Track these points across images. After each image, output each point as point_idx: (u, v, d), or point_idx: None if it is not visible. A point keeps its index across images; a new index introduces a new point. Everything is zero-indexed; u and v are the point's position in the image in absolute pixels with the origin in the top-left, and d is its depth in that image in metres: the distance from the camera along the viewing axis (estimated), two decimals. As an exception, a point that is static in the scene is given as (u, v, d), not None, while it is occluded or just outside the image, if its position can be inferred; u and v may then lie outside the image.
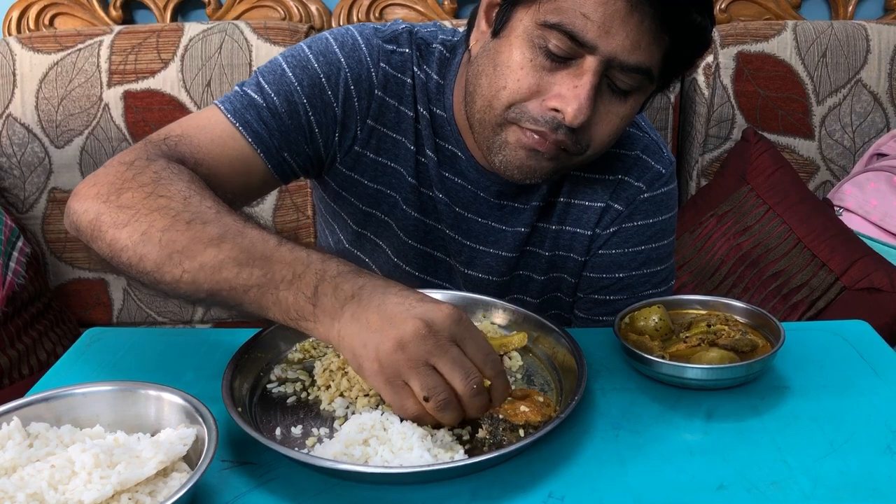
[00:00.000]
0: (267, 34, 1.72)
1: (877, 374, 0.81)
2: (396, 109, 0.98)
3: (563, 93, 0.82)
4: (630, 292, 1.03)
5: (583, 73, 0.81)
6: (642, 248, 1.02)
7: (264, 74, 0.94)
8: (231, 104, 0.93)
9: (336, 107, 0.95)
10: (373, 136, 0.98)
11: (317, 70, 0.94)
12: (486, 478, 0.67)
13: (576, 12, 0.79)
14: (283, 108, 0.92)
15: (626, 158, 1.00)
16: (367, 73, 0.95)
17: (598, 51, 0.80)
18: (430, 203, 1.01)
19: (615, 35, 0.79)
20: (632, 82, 0.83)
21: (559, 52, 0.81)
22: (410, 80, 0.97)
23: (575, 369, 0.77)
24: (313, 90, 0.93)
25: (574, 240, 1.02)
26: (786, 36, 1.75)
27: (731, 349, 0.79)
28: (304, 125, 0.94)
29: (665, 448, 0.71)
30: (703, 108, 1.77)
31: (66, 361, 0.87)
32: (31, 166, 1.76)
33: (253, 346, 0.82)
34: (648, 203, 1.01)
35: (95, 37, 1.73)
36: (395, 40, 0.98)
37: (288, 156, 0.94)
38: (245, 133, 0.91)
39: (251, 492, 0.66)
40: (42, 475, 0.60)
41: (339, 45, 0.95)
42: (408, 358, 0.66)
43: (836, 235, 1.56)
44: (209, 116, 0.93)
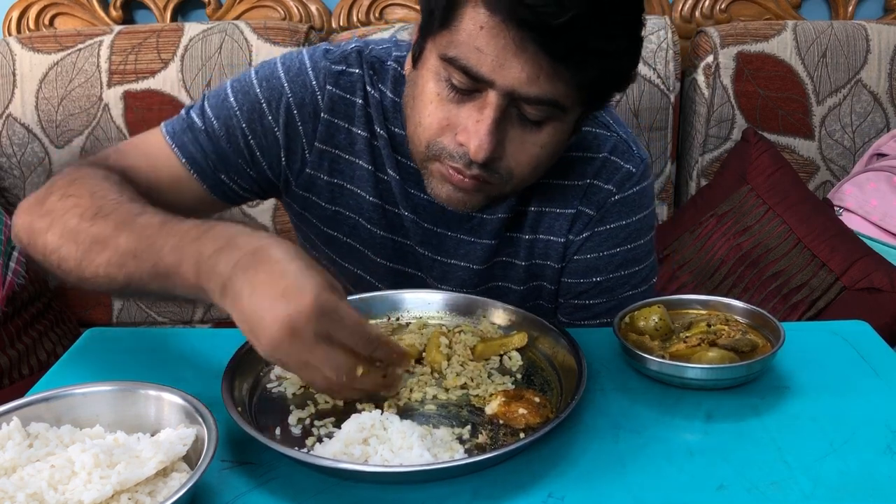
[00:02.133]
0: (267, 34, 1.72)
1: (877, 374, 0.81)
2: (347, 131, 0.97)
3: (468, 127, 0.81)
4: (609, 295, 1.02)
5: (485, 106, 0.79)
6: (618, 250, 1.00)
7: (209, 98, 0.97)
8: (172, 126, 0.96)
9: (277, 131, 0.96)
10: (324, 158, 0.98)
11: (258, 95, 0.95)
12: (486, 478, 0.67)
13: (470, 46, 0.77)
14: (222, 132, 0.95)
15: (593, 161, 0.98)
16: (311, 97, 0.95)
17: (496, 85, 0.78)
18: (396, 221, 1.01)
19: (510, 68, 0.76)
20: (541, 113, 0.81)
21: (461, 87, 0.80)
22: (362, 100, 0.97)
23: (575, 369, 0.77)
24: (252, 115, 0.95)
25: (549, 248, 1.01)
26: (786, 36, 1.75)
27: (731, 349, 0.79)
28: (243, 149, 0.96)
29: (665, 448, 0.71)
30: (703, 108, 1.77)
31: (66, 361, 0.87)
32: (31, 166, 1.76)
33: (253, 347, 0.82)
34: (620, 205, 0.99)
35: (95, 37, 1.73)
36: (344, 60, 0.97)
37: (226, 178, 0.96)
38: (179, 154, 0.94)
39: (251, 492, 0.66)
40: (42, 475, 0.60)
41: (285, 70, 0.96)
42: (284, 361, 0.68)
43: (836, 235, 1.57)
44: (149, 136, 0.97)
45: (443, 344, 0.84)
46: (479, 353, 0.84)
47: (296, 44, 1.71)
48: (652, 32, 1.72)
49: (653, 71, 1.71)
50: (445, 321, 0.91)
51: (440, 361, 0.82)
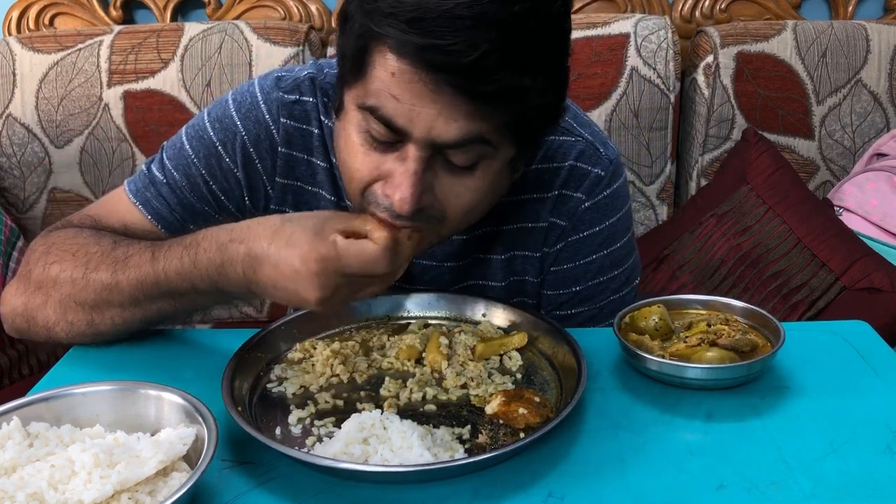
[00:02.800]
0: (267, 34, 1.72)
1: (877, 375, 0.81)
2: (307, 162, 0.96)
3: (392, 179, 0.77)
4: (591, 303, 1.01)
5: (405, 158, 0.76)
6: (594, 257, 0.99)
7: (167, 150, 0.97)
8: (134, 184, 0.96)
9: (237, 171, 0.95)
10: (287, 192, 0.97)
11: (212, 138, 0.94)
12: (486, 477, 0.67)
13: (386, 94, 0.73)
14: (184, 183, 0.94)
15: (560, 171, 0.95)
16: (266, 132, 0.94)
17: (413, 137, 0.74)
18: None
19: (426, 116, 0.72)
20: (469, 155, 0.77)
21: (381, 138, 0.76)
22: (318, 129, 0.95)
23: (575, 369, 0.77)
24: (210, 160, 0.94)
25: (526, 263, 1.00)
26: (786, 36, 1.75)
27: (731, 349, 0.79)
28: (206, 195, 0.95)
29: (665, 448, 0.71)
30: (703, 108, 1.77)
31: (66, 361, 0.87)
32: (31, 166, 1.76)
33: (253, 346, 0.82)
34: (591, 211, 0.97)
35: (95, 37, 1.73)
36: (297, 89, 0.94)
37: (195, 227, 0.93)
38: (144, 211, 0.94)
39: (251, 491, 0.66)
40: (42, 475, 0.61)
41: (236, 108, 0.94)
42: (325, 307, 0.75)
43: (836, 235, 1.56)
44: (114, 196, 0.98)
45: (443, 344, 0.84)
46: (479, 353, 0.84)
47: (296, 44, 1.71)
48: (652, 32, 1.72)
49: (653, 71, 1.71)
50: (445, 321, 0.91)
51: (440, 361, 0.82)
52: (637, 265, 1.05)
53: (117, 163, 1.75)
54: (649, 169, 1.80)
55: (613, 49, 1.71)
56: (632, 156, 1.76)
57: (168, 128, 1.70)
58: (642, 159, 1.78)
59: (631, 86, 1.72)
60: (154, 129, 1.72)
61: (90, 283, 0.83)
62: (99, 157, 1.75)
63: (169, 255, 0.81)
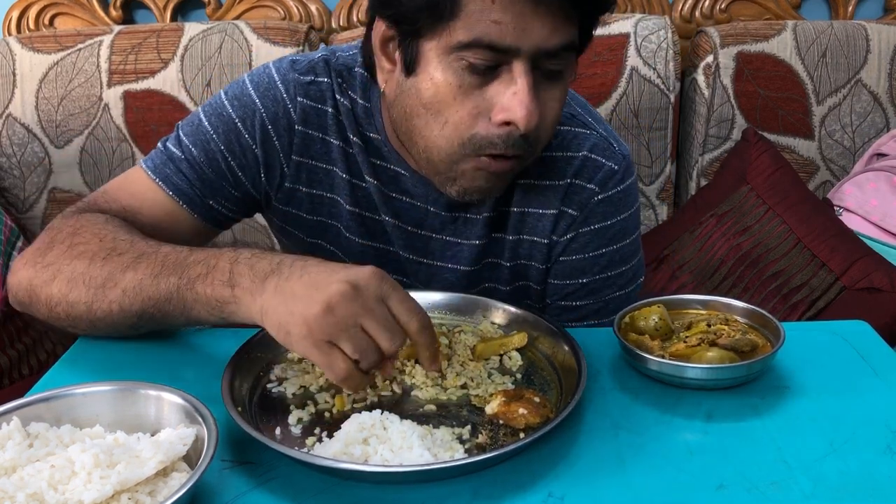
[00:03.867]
0: (267, 34, 1.72)
1: (877, 375, 0.81)
2: (322, 140, 0.97)
3: (505, 104, 0.80)
4: (596, 296, 1.01)
5: (515, 77, 0.79)
6: (603, 251, 0.99)
7: (183, 127, 0.97)
8: (152, 161, 0.97)
9: (255, 148, 0.96)
10: (301, 170, 0.98)
11: (231, 115, 0.95)
12: (485, 477, 0.67)
13: (486, 23, 0.77)
14: (202, 158, 0.95)
15: (573, 161, 0.97)
16: (283, 110, 0.95)
17: (523, 50, 0.78)
18: (377, 227, 1.01)
19: (532, 29, 0.77)
20: (562, 62, 0.82)
21: (484, 65, 0.79)
22: (332, 108, 0.97)
23: (575, 369, 0.77)
24: (229, 136, 0.95)
25: (533, 248, 1.01)
26: (786, 36, 1.75)
27: (730, 349, 0.79)
28: (225, 171, 0.96)
29: (665, 448, 0.71)
30: (703, 108, 1.77)
31: (66, 361, 0.87)
32: (31, 166, 1.76)
33: (253, 346, 0.82)
34: (604, 205, 0.98)
35: (95, 37, 1.73)
36: (312, 70, 0.97)
37: (214, 203, 0.97)
38: (165, 187, 0.95)
39: (251, 491, 0.66)
40: (42, 475, 0.60)
41: (254, 87, 0.96)
42: (337, 321, 0.69)
43: (836, 235, 1.56)
44: (131, 175, 0.98)
45: (443, 344, 0.84)
46: (479, 353, 0.84)
47: (296, 44, 1.71)
48: (652, 32, 1.72)
49: (653, 71, 1.71)
50: (445, 321, 0.91)
51: (440, 361, 0.82)
52: (642, 264, 1.06)
53: (117, 163, 1.75)
54: (649, 169, 1.80)
55: (613, 49, 1.71)
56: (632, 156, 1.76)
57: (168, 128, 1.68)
58: (642, 159, 1.78)
59: (631, 86, 1.72)
60: (154, 129, 1.72)
61: (108, 264, 0.82)
62: (99, 157, 1.75)
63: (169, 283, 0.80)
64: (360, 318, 0.70)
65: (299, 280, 0.72)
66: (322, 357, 0.70)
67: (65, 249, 0.86)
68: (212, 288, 0.77)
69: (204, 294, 0.78)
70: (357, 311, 0.69)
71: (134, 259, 0.82)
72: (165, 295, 0.80)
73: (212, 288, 0.77)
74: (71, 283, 0.83)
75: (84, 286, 0.83)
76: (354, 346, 0.69)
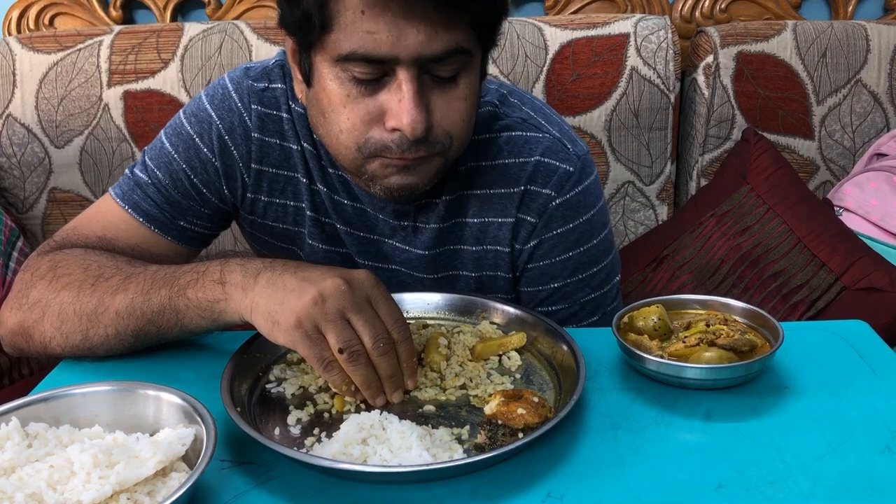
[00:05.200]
0: (267, 34, 1.72)
1: (876, 375, 0.81)
2: (280, 146, 0.97)
3: (391, 110, 0.80)
4: (570, 300, 1.01)
5: (399, 84, 0.79)
6: (570, 254, 0.99)
7: (148, 151, 0.98)
8: (120, 188, 0.98)
9: (215, 160, 0.96)
10: (262, 178, 0.98)
11: (189, 132, 0.96)
12: (485, 477, 0.67)
13: (361, 34, 0.77)
14: (167, 181, 0.96)
15: (526, 166, 0.96)
16: (239, 119, 0.96)
17: (401, 59, 0.77)
18: (333, 233, 1.01)
19: (407, 37, 0.76)
20: (452, 66, 0.81)
21: (367, 77, 0.79)
22: (287, 114, 0.97)
23: (574, 369, 0.77)
24: (189, 153, 0.96)
25: (497, 258, 1.00)
26: (786, 36, 1.75)
27: (730, 349, 0.79)
28: (189, 190, 0.96)
29: (664, 448, 0.71)
30: (703, 108, 1.77)
31: (66, 362, 0.87)
32: (31, 166, 1.76)
33: (252, 346, 0.82)
34: (563, 208, 0.97)
35: (95, 37, 1.73)
36: (266, 77, 0.97)
37: (185, 224, 0.97)
38: (135, 214, 0.96)
39: (250, 491, 0.66)
40: (41, 475, 0.61)
41: (210, 100, 0.96)
42: (326, 311, 0.71)
43: (836, 235, 1.56)
44: (101, 205, 0.98)
45: (442, 344, 0.84)
46: (478, 353, 0.84)
47: (296, 44, 1.71)
48: (652, 32, 1.72)
49: (653, 71, 1.71)
50: (445, 321, 0.91)
51: (439, 362, 0.82)
52: (616, 262, 1.05)
53: (117, 163, 1.75)
54: (649, 169, 1.80)
55: (613, 49, 1.71)
56: (632, 156, 1.76)
57: (168, 128, 1.70)
58: (642, 159, 1.78)
59: (631, 86, 1.72)
60: (154, 129, 1.72)
61: (96, 291, 0.83)
62: (99, 157, 1.75)
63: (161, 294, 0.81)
64: (347, 312, 0.72)
65: (293, 275, 0.73)
66: (309, 346, 0.71)
67: (47, 284, 0.86)
68: (203, 291, 0.78)
69: (195, 298, 0.79)
70: (346, 305, 0.71)
71: (122, 281, 0.83)
72: (158, 308, 0.81)
73: (203, 291, 0.78)
74: (62, 317, 0.83)
75: (76, 317, 0.83)
76: (338, 335, 0.71)
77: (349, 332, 0.72)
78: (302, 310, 0.71)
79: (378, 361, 0.73)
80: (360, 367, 0.72)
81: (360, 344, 0.72)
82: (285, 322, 0.71)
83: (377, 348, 0.72)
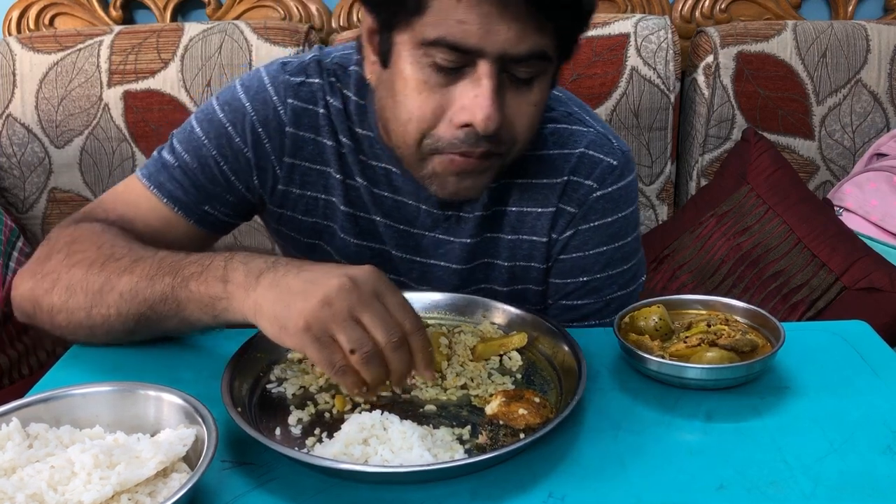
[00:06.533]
0: (267, 34, 1.72)
1: (876, 375, 0.81)
2: (314, 141, 0.97)
3: (466, 105, 0.80)
4: (597, 295, 1.01)
5: (479, 78, 0.79)
6: (604, 248, 0.99)
7: (177, 135, 0.98)
8: (147, 169, 0.97)
9: (247, 151, 0.96)
10: (294, 172, 0.98)
11: (222, 120, 0.95)
12: (485, 478, 0.67)
13: (451, 22, 0.77)
14: (195, 165, 0.95)
15: (570, 158, 0.97)
16: (273, 113, 0.95)
17: (486, 52, 0.78)
18: (369, 227, 1.01)
19: (497, 32, 0.77)
20: (532, 69, 0.81)
21: (449, 65, 0.79)
22: (324, 109, 0.97)
23: (575, 369, 0.77)
24: (220, 141, 0.95)
25: (532, 248, 1.00)
26: (786, 36, 1.75)
27: (731, 349, 0.79)
28: (218, 176, 0.96)
29: (665, 448, 0.71)
30: (703, 108, 1.77)
31: (66, 362, 0.87)
32: (31, 166, 1.76)
33: (253, 346, 0.82)
34: (603, 201, 0.97)
35: (95, 37, 1.73)
36: (303, 72, 0.97)
37: (209, 209, 0.97)
38: (160, 194, 0.95)
39: (251, 492, 0.66)
40: (41, 476, 0.60)
41: (244, 91, 0.96)
42: (334, 313, 0.69)
43: (836, 235, 1.56)
44: (128, 185, 0.98)
45: (443, 344, 0.84)
46: (479, 353, 0.84)
47: (296, 44, 1.71)
48: (652, 32, 1.72)
49: (653, 71, 1.71)
50: (445, 321, 0.91)
51: (440, 362, 0.82)
52: (643, 263, 1.05)
53: (117, 163, 1.75)
54: (649, 169, 1.80)
55: (613, 49, 1.71)
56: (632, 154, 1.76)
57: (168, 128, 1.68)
58: (642, 159, 1.78)
59: (631, 86, 1.72)
60: (154, 129, 1.72)
61: (105, 270, 0.83)
62: (99, 157, 1.75)
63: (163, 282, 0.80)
64: (356, 311, 0.70)
65: (296, 277, 0.72)
66: (319, 350, 0.70)
67: (63, 258, 0.86)
68: (205, 285, 0.77)
69: (197, 291, 0.78)
70: (354, 304, 0.70)
71: (131, 263, 0.82)
72: (160, 296, 0.80)
73: (205, 285, 0.77)
74: (70, 291, 0.84)
75: (83, 293, 0.83)
76: (349, 336, 0.69)
77: (360, 332, 0.70)
78: (310, 313, 0.69)
79: (392, 357, 0.71)
80: (373, 368, 0.70)
81: (371, 343, 0.70)
82: (293, 326, 0.70)
83: (391, 343, 0.70)
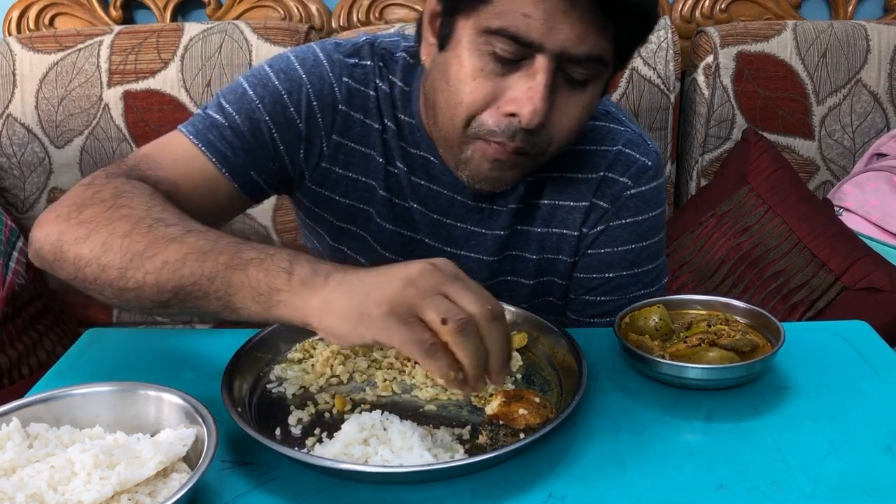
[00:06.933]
0: (267, 34, 1.72)
1: (877, 375, 0.81)
2: (362, 123, 0.97)
3: (517, 96, 0.81)
4: (621, 293, 1.02)
5: (535, 72, 0.80)
6: (632, 246, 1.00)
7: (226, 95, 0.94)
8: (193, 126, 0.93)
9: (300, 122, 0.95)
10: (340, 151, 0.98)
11: (278, 87, 0.94)
12: (486, 478, 0.67)
13: (516, 14, 0.77)
14: (246, 127, 0.92)
15: (607, 154, 0.98)
16: (329, 89, 0.95)
17: (546, 48, 0.78)
18: (405, 214, 1.01)
19: (559, 30, 0.77)
20: (587, 72, 0.82)
21: (508, 56, 0.80)
22: (374, 92, 0.97)
23: (575, 369, 0.77)
24: (275, 107, 0.93)
25: (562, 241, 1.01)
26: (786, 36, 1.75)
27: (731, 349, 0.79)
28: (267, 142, 0.94)
29: (665, 448, 0.71)
30: (703, 108, 1.77)
31: (66, 362, 0.87)
32: (31, 166, 1.76)
33: (253, 346, 0.82)
34: (636, 199, 0.99)
35: (95, 37, 1.73)
36: (356, 53, 0.97)
37: (255, 174, 0.94)
38: (208, 153, 0.91)
39: (251, 492, 0.66)
40: (42, 476, 0.60)
41: (300, 62, 0.95)
42: (419, 290, 0.64)
43: (836, 235, 1.56)
44: (172, 140, 0.93)
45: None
46: (480, 353, 0.84)
47: (296, 44, 1.71)
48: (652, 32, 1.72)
49: (653, 71, 1.71)
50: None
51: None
52: (666, 266, 1.06)
53: (117, 163, 1.75)
54: (649, 169, 1.79)
55: (613, 49, 1.71)
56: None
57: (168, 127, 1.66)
58: (642, 159, 1.78)
59: (631, 86, 1.72)
60: (154, 129, 1.72)
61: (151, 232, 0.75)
62: (99, 157, 1.75)
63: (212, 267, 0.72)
64: (441, 287, 0.65)
65: (368, 273, 0.67)
66: (407, 331, 0.63)
67: (105, 209, 0.78)
68: (266, 273, 0.69)
69: (255, 278, 0.69)
70: (438, 281, 0.65)
71: (182, 233, 0.74)
72: (210, 273, 0.71)
73: (266, 273, 0.69)
74: (106, 246, 0.75)
75: (120, 251, 0.75)
76: (437, 308, 0.64)
77: (449, 304, 0.64)
78: (393, 295, 0.64)
79: (488, 329, 0.65)
80: (469, 337, 0.64)
81: (464, 311, 0.64)
82: (376, 312, 0.64)
83: (486, 312, 0.65)
